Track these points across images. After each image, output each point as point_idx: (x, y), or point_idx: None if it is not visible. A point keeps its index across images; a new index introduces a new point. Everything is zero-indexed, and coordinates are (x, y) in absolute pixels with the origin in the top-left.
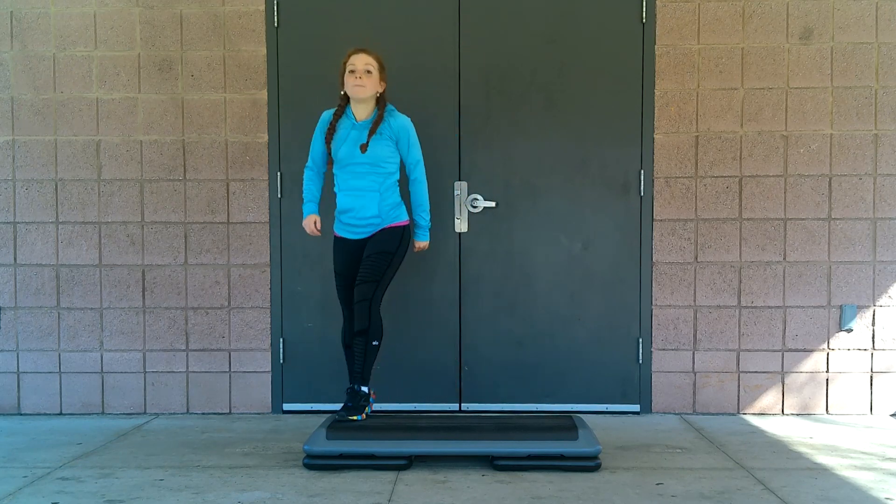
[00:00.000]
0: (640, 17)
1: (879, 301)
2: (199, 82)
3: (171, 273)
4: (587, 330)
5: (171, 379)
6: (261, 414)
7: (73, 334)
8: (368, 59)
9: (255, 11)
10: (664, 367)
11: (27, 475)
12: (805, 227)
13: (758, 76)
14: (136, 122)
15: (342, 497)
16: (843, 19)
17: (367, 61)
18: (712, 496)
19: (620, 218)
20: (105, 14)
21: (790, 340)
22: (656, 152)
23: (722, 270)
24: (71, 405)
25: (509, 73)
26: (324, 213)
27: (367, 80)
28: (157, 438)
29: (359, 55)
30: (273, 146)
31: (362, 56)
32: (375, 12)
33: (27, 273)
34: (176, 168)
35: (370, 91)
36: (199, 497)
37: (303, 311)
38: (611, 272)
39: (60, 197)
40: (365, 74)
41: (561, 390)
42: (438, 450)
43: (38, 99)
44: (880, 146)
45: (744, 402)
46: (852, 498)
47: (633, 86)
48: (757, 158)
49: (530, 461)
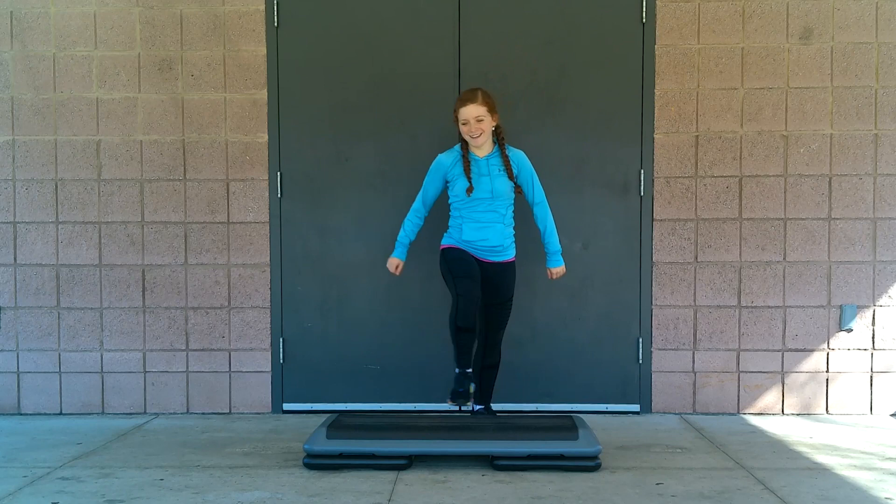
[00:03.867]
0: (640, 17)
1: (879, 301)
2: (199, 82)
3: (171, 273)
4: (587, 330)
5: (171, 379)
6: (261, 414)
7: (73, 334)
8: (478, 110)
9: (255, 11)
10: (664, 367)
11: (27, 475)
12: (805, 226)
13: (758, 76)
14: (136, 121)
15: (342, 497)
16: (843, 19)
17: (478, 113)
18: (712, 496)
19: (620, 218)
20: (105, 14)
21: (790, 340)
22: (656, 152)
23: (722, 270)
24: (71, 405)
25: (509, 74)
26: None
27: (481, 127)
28: (157, 438)
29: (467, 108)
30: (273, 146)
31: (471, 108)
32: (375, 12)
33: (27, 273)
34: (176, 168)
35: (486, 137)
36: (199, 497)
37: (303, 311)
38: (611, 272)
39: (60, 197)
40: (477, 124)
41: (561, 390)
42: (438, 450)
43: (38, 99)
44: (880, 146)
45: (744, 402)
46: (852, 497)
47: (633, 86)
48: (757, 158)
49: (530, 461)
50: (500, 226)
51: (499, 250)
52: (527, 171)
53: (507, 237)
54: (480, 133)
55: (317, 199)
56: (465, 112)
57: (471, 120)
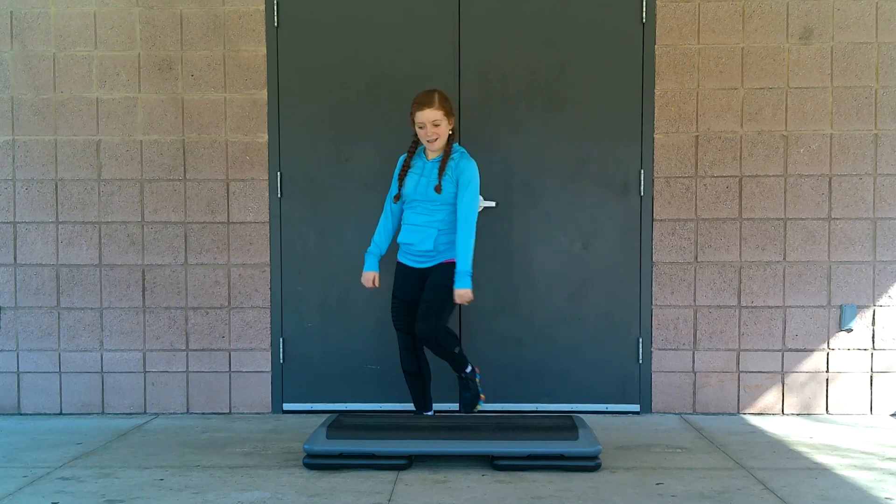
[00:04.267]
0: (640, 17)
1: (879, 301)
2: (199, 82)
3: (171, 273)
4: (587, 330)
5: (171, 379)
6: (261, 414)
7: (73, 334)
8: (434, 114)
9: (255, 11)
10: (664, 367)
11: (27, 475)
12: (805, 226)
13: (758, 76)
14: (136, 121)
15: (342, 497)
16: (843, 19)
17: (434, 118)
18: (712, 496)
19: (620, 218)
20: (105, 14)
21: (790, 340)
22: (656, 152)
23: (722, 270)
24: (71, 405)
25: (509, 73)
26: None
27: (437, 132)
28: (157, 438)
29: (424, 112)
30: (273, 146)
31: (427, 113)
32: (375, 12)
33: (27, 273)
34: (176, 168)
35: (442, 142)
36: (199, 497)
37: (303, 311)
38: (611, 272)
39: (60, 197)
40: (434, 128)
41: (561, 390)
42: (438, 450)
43: (38, 99)
44: (880, 146)
45: (744, 402)
46: (852, 497)
47: (633, 86)
48: (757, 158)
49: (530, 461)
50: (432, 230)
51: (432, 255)
52: (464, 179)
53: (441, 243)
54: (436, 137)
55: (317, 199)
56: (422, 116)
57: (427, 124)
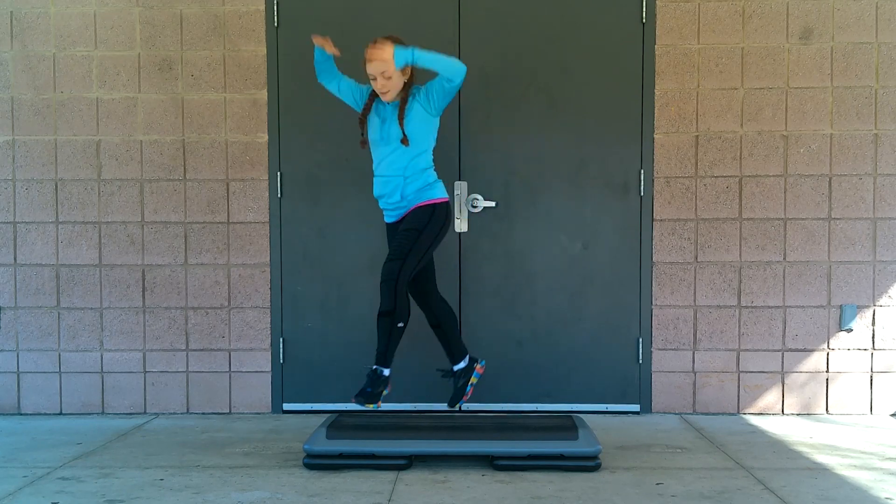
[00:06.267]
0: (640, 17)
1: (879, 301)
2: (199, 82)
3: (171, 273)
4: (587, 330)
5: (171, 379)
6: (261, 414)
7: (73, 334)
8: (382, 66)
9: (255, 11)
10: (664, 367)
11: (27, 475)
12: (805, 227)
13: (758, 76)
14: (136, 122)
15: (342, 497)
16: (843, 19)
17: (381, 70)
18: (712, 496)
19: (620, 218)
20: (105, 14)
21: (790, 340)
22: (656, 152)
23: (722, 270)
24: (71, 405)
25: (509, 73)
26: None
27: (389, 83)
28: (157, 438)
29: (370, 64)
30: (273, 146)
31: (374, 65)
32: (375, 12)
33: (27, 273)
34: (176, 168)
35: (397, 91)
36: (199, 497)
37: (303, 311)
38: (611, 272)
39: (60, 197)
40: (385, 80)
41: (561, 390)
42: (438, 450)
43: (38, 99)
44: (880, 146)
45: (744, 402)
46: (852, 497)
47: (633, 86)
48: (757, 158)
49: (530, 461)
50: (399, 180)
51: (403, 205)
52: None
53: (409, 192)
54: (387, 91)
55: (317, 199)
56: (370, 68)
57: (377, 76)
